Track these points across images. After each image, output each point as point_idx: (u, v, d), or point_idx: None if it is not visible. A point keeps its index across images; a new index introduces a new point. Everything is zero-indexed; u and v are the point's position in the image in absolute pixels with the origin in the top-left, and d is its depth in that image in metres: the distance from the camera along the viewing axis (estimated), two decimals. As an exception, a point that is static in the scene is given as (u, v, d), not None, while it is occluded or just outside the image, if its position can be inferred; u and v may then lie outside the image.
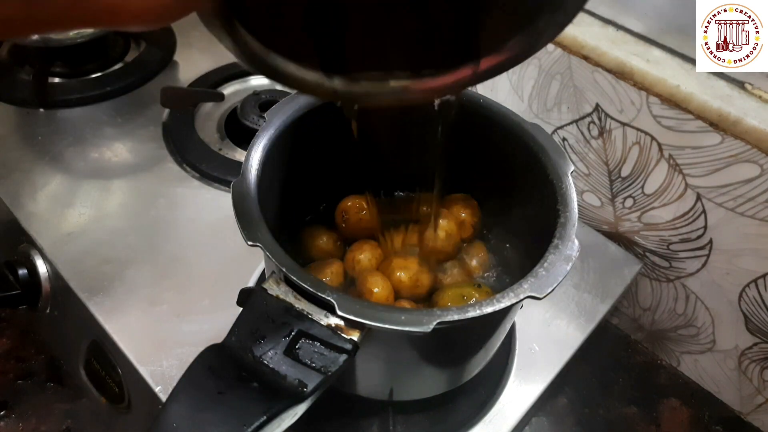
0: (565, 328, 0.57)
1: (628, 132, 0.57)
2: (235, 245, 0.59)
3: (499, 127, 0.44)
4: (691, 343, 0.63)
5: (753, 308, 0.56)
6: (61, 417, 0.65)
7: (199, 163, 0.66)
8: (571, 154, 0.63)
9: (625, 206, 0.61)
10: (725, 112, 0.49)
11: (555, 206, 0.39)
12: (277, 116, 0.42)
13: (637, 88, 0.54)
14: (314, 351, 0.33)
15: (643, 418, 0.61)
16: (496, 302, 0.33)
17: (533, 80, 0.62)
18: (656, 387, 0.64)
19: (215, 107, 0.75)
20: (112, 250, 0.58)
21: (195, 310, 0.54)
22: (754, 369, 0.59)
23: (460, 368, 0.45)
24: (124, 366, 0.52)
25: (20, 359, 0.70)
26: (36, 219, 0.60)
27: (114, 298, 0.54)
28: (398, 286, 0.44)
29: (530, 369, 0.53)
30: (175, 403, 0.31)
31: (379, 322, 0.31)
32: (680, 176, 0.55)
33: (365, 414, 0.49)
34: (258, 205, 0.37)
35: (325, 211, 0.52)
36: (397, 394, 0.45)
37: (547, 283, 0.34)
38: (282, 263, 0.33)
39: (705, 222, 0.55)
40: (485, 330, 0.42)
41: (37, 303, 0.61)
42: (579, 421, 0.59)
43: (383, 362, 0.41)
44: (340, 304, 0.32)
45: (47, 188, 0.63)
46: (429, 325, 0.31)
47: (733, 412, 0.63)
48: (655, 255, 0.62)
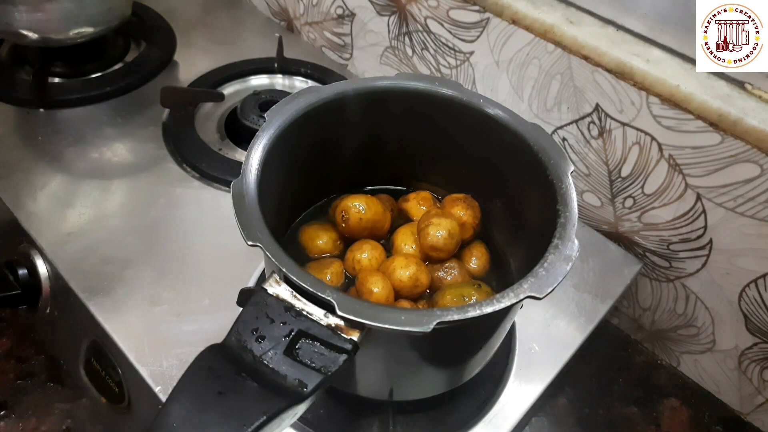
0: (565, 328, 0.57)
1: (628, 132, 0.57)
2: (235, 245, 0.59)
3: (499, 127, 0.44)
4: (691, 343, 0.63)
5: (753, 308, 0.56)
6: (61, 417, 0.65)
7: (199, 163, 0.66)
8: (571, 154, 0.63)
9: (625, 206, 0.61)
10: (725, 112, 0.49)
11: (555, 206, 0.39)
12: (277, 116, 0.42)
13: (637, 88, 0.54)
14: (314, 351, 0.33)
15: (643, 418, 0.61)
16: (496, 302, 0.33)
17: (533, 80, 0.62)
18: (656, 387, 0.64)
19: (215, 107, 0.75)
20: (112, 250, 0.58)
21: (195, 310, 0.54)
22: (754, 369, 0.59)
23: (460, 368, 0.45)
24: (124, 366, 0.52)
25: (20, 359, 0.70)
26: (36, 219, 0.60)
27: (114, 298, 0.54)
28: (398, 286, 0.44)
29: (530, 369, 0.53)
30: (175, 403, 0.31)
31: (379, 322, 0.31)
32: (680, 176, 0.55)
33: (365, 414, 0.49)
34: (258, 205, 0.37)
35: (324, 209, 0.52)
36: (397, 394, 0.45)
37: (547, 283, 0.34)
38: (282, 263, 0.33)
39: (705, 222, 0.55)
40: (485, 330, 0.42)
41: (37, 303, 0.61)
42: (579, 421, 0.59)
43: (383, 362, 0.41)
44: (340, 304, 0.32)
45: (47, 188, 0.63)
46: (429, 325, 0.31)
47: (733, 412, 0.63)
48: (655, 255, 0.62)
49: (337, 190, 0.52)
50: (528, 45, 0.60)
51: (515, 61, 0.63)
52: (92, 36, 0.72)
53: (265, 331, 0.33)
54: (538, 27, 0.58)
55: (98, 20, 0.70)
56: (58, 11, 0.68)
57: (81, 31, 0.71)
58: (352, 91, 0.46)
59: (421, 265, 0.45)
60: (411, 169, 0.54)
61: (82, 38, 0.72)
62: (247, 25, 0.91)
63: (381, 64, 0.80)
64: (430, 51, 0.72)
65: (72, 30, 0.68)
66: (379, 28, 0.77)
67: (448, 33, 0.68)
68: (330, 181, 0.52)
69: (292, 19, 0.90)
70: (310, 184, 0.51)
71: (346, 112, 0.46)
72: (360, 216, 0.47)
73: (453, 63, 0.70)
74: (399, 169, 0.53)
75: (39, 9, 0.67)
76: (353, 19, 0.79)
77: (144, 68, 0.77)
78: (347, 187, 0.52)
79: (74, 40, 0.71)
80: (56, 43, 0.71)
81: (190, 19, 0.89)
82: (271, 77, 0.81)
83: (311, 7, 0.84)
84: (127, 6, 0.77)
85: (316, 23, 0.86)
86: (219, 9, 0.93)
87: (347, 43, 0.83)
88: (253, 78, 0.80)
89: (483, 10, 0.62)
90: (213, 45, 0.85)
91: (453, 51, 0.69)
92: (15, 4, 0.66)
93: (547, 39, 0.58)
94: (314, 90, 0.45)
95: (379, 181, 0.54)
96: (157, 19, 0.86)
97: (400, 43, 0.75)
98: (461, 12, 0.65)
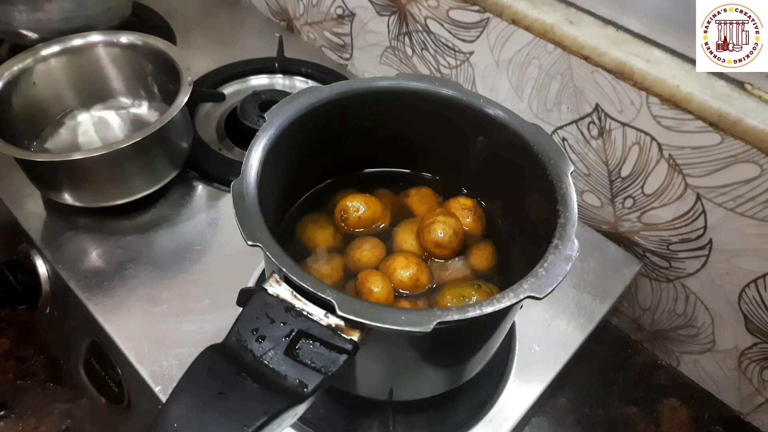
0: (565, 328, 0.57)
1: (628, 132, 0.57)
2: (235, 245, 0.59)
3: (499, 127, 0.44)
4: (691, 343, 0.63)
5: (753, 308, 0.56)
6: (61, 417, 0.65)
7: (199, 163, 0.66)
8: (571, 154, 0.63)
9: (625, 206, 0.62)
10: (725, 112, 0.49)
11: (555, 206, 0.39)
12: (277, 116, 0.42)
13: (637, 89, 0.54)
14: (314, 351, 0.33)
15: (643, 418, 0.61)
16: (496, 302, 0.33)
17: (533, 80, 0.62)
18: (656, 387, 0.64)
19: (215, 107, 0.75)
20: (112, 250, 0.58)
21: (195, 310, 0.54)
22: (753, 369, 0.59)
23: (460, 368, 0.45)
24: (123, 366, 0.52)
25: (20, 359, 0.70)
26: (36, 219, 0.60)
27: (114, 298, 0.54)
28: (398, 286, 0.44)
29: (530, 369, 0.53)
30: (176, 403, 0.31)
31: (379, 322, 0.31)
32: (680, 176, 0.55)
33: (365, 414, 0.49)
34: (258, 204, 0.37)
35: (324, 206, 0.52)
36: (397, 393, 0.45)
37: (547, 283, 0.34)
38: (282, 263, 0.33)
39: (705, 222, 0.55)
40: (485, 330, 0.42)
41: (37, 303, 0.61)
42: (579, 421, 0.59)
43: (383, 362, 0.41)
44: (341, 304, 0.32)
45: (47, 188, 0.63)
46: (429, 325, 0.31)
47: (732, 412, 0.63)
48: (655, 255, 0.62)
49: (337, 187, 0.52)
50: (528, 45, 0.60)
51: (515, 61, 0.63)
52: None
53: (265, 331, 0.33)
54: (538, 27, 0.58)
55: (98, 20, 0.70)
56: (58, 11, 0.68)
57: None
58: (352, 92, 0.46)
59: (421, 264, 0.45)
60: (412, 166, 0.54)
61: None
62: (247, 25, 0.91)
63: (381, 64, 0.80)
64: (430, 51, 0.72)
65: (72, 30, 0.68)
66: (379, 28, 0.77)
67: (448, 33, 0.68)
68: (329, 172, 0.52)
69: (292, 19, 0.90)
70: (310, 182, 0.51)
71: (346, 113, 0.46)
72: (359, 216, 0.47)
73: (453, 63, 0.70)
74: (400, 160, 0.53)
75: (39, 9, 0.67)
76: (353, 19, 0.79)
77: (144, 68, 0.77)
78: (347, 184, 0.52)
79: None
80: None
81: (190, 19, 0.89)
82: (271, 77, 0.81)
83: (311, 7, 0.84)
84: (127, 6, 0.77)
85: (316, 23, 0.86)
86: (219, 9, 0.93)
87: (347, 43, 0.83)
88: (253, 78, 0.80)
89: (483, 10, 0.62)
90: (213, 45, 0.85)
91: (453, 51, 0.69)
92: (15, 4, 0.66)
93: (547, 39, 0.58)
94: (314, 90, 0.45)
95: (380, 178, 0.54)
96: (157, 19, 0.86)
97: (400, 43, 0.75)
98: (461, 12, 0.65)
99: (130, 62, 0.67)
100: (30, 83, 0.62)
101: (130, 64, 0.67)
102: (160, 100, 0.68)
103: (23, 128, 0.62)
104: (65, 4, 0.68)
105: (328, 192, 0.51)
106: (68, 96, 0.66)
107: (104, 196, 0.59)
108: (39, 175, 0.58)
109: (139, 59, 0.66)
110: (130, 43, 0.65)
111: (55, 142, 0.65)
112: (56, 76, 0.64)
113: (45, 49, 0.63)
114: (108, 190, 0.58)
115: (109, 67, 0.67)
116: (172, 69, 0.62)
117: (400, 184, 0.53)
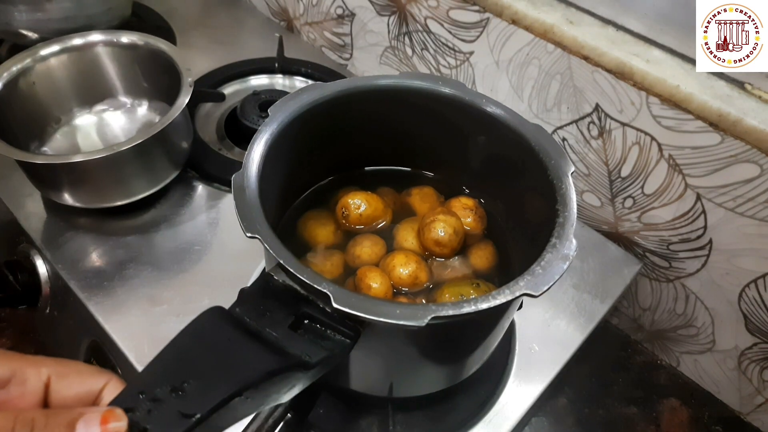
0: (565, 328, 0.57)
1: (628, 132, 0.57)
2: (235, 245, 0.59)
3: (501, 126, 0.44)
4: (691, 343, 0.63)
5: (753, 308, 0.56)
6: (61, 417, 0.65)
7: (200, 163, 0.66)
8: (571, 154, 0.63)
9: (625, 206, 0.62)
10: (725, 112, 0.49)
11: (554, 206, 0.39)
12: (280, 112, 0.42)
13: (637, 89, 0.54)
14: (319, 331, 0.33)
15: (643, 418, 0.61)
16: (492, 299, 0.33)
17: (533, 80, 0.62)
18: (656, 387, 0.64)
19: (215, 107, 0.75)
20: (112, 250, 0.58)
21: (195, 310, 0.53)
22: (753, 369, 0.59)
23: (458, 365, 0.45)
24: (124, 366, 0.52)
25: (20, 359, 0.70)
26: (36, 219, 0.60)
27: (114, 298, 0.54)
28: (397, 283, 0.44)
29: (530, 369, 0.53)
30: (183, 336, 0.31)
31: (375, 316, 0.31)
32: (680, 176, 0.55)
33: (365, 412, 0.49)
34: (258, 197, 0.37)
35: (326, 203, 0.51)
36: (396, 390, 0.45)
37: (544, 282, 0.34)
38: (279, 255, 0.33)
39: (705, 222, 0.55)
40: (482, 327, 0.41)
41: (37, 303, 0.61)
42: (579, 421, 0.59)
43: (382, 357, 0.41)
44: (336, 297, 0.31)
45: (47, 188, 0.63)
46: (424, 319, 0.31)
47: (732, 412, 0.63)
48: (655, 255, 0.62)
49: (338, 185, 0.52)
50: (528, 45, 0.60)
51: (515, 61, 0.63)
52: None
53: (270, 308, 0.33)
54: (538, 27, 0.58)
55: (98, 20, 0.70)
56: (58, 11, 0.68)
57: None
58: (354, 89, 0.46)
59: (421, 263, 0.45)
60: (413, 165, 0.54)
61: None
62: (247, 25, 0.91)
63: (381, 64, 0.80)
64: (430, 51, 0.72)
65: (72, 30, 0.68)
66: (379, 28, 0.77)
67: (448, 33, 0.68)
68: (330, 169, 0.52)
69: (292, 19, 0.90)
70: (312, 179, 0.51)
71: (348, 110, 0.47)
72: (360, 213, 0.47)
73: (453, 63, 0.70)
74: (401, 159, 0.53)
75: (39, 9, 0.67)
76: (353, 19, 0.79)
77: (144, 68, 0.77)
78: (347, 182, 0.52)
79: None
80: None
81: (190, 19, 0.89)
82: (271, 77, 0.81)
83: (311, 7, 0.85)
84: (126, 6, 0.77)
85: (316, 23, 0.86)
86: (219, 9, 0.93)
87: (347, 43, 0.83)
88: (253, 78, 0.80)
89: (483, 10, 0.62)
90: (213, 45, 0.85)
91: (453, 51, 0.69)
92: (15, 4, 0.66)
93: (547, 39, 0.58)
94: (317, 87, 0.45)
95: (382, 162, 0.54)
96: (157, 19, 0.86)
97: (400, 43, 0.75)
98: (461, 12, 0.65)
99: (130, 62, 0.66)
100: (29, 83, 0.62)
101: (130, 64, 0.66)
102: (160, 99, 0.68)
103: (23, 128, 0.62)
104: (65, 4, 0.68)
105: (330, 189, 0.51)
106: (68, 96, 0.66)
107: (104, 198, 0.59)
108: (39, 177, 0.58)
109: (139, 59, 0.66)
110: (130, 43, 0.65)
111: (55, 142, 0.65)
112: (56, 76, 0.64)
113: (44, 49, 0.62)
114: (108, 192, 0.58)
115: (109, 67, 0.67)
116: (172, 69, 0.62)
117: (402, 182, 0.53)
